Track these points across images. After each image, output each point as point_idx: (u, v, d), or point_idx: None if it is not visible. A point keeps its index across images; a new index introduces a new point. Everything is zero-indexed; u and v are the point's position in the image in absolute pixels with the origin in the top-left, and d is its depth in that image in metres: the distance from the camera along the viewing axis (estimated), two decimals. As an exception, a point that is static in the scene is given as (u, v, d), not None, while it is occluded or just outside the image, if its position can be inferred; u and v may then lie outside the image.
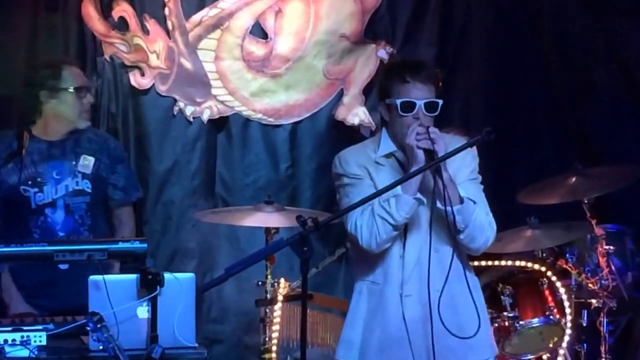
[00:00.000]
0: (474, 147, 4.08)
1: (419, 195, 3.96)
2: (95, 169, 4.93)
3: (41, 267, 4.79)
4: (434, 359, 3.98)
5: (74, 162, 4.91)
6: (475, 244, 4.07)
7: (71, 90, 4.90)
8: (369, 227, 4.00)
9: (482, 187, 4.14)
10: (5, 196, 4.88)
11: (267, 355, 5.53)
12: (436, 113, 3.99)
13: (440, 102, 3.98)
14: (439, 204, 3.93)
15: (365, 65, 6.51)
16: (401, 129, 3.99)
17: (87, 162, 4.91)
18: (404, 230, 4.05)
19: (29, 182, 4.86)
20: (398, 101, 3.95)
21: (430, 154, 3.89)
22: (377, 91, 4.17)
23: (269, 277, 5.50)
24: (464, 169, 4.08)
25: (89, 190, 4.90)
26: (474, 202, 4.02)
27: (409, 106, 3.95)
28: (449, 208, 3.89)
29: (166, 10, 6.35)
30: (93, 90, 5.12)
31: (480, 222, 4.02)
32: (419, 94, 3.96)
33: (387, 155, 4.08)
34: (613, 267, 5.83)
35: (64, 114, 4.91)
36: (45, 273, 4.83)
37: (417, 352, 4.04)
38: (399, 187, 3.91)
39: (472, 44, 6.71)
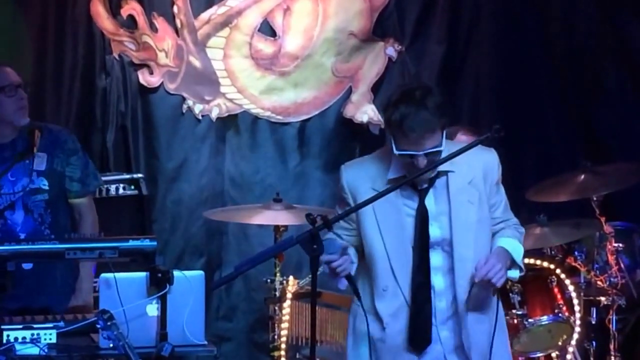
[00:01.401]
0: (496, 156, 4.04)
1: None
2: (49, 165, 4.80)
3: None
4: None
5: (27, 161, 4.76)
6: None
7: None
8: None
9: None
10: None
11: (276, 353, 5.54)
12: (437, 157, 3.82)
13: (441, 149, 3.80)
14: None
15: (374, 62, 6.52)
16: (404, 164, 3.87)
17: (39, 159, 4.81)
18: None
19: None
20: (397, 152, 3.81)
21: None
22: (384, 115, 3.96)
23: (277, 275, 5.50)
24: (495, 185, 4.02)
25: (46, 188, 4.78)
26: (515, 227, 4.04)
27: (406, 156, 3.82)
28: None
29: (175, 9, 6.36)
30: (25, 86, 4.94)
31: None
32: (417, 147, 3.78)
33: (398, 179, 3.94)
34: (622, 265, 5.83)
35: None
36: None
37: None
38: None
39: (481, 41, 6.70)
